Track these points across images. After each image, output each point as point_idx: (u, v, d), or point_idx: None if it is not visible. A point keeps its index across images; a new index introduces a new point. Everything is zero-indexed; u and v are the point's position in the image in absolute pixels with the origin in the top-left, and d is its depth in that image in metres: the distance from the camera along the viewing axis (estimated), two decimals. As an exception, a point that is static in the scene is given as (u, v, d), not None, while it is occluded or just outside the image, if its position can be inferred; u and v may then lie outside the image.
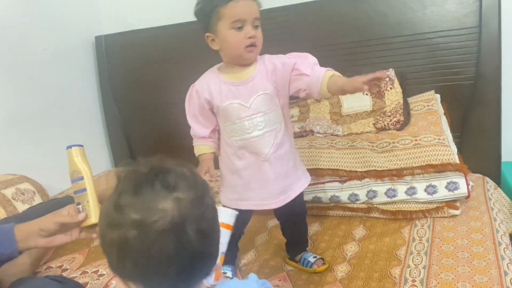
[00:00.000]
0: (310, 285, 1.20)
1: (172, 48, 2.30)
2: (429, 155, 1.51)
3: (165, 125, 2.43)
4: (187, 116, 1.22)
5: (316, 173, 1.62)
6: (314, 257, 1.29)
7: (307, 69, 1.09)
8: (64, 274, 1.42)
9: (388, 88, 1.80)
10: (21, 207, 1.78)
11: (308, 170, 1.58)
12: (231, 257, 1.30)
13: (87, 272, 1.42)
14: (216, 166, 1.23)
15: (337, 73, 1.08)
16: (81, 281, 1.34)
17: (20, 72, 2.10)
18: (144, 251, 0.51)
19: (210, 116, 1.20)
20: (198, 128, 1.21)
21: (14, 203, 1.79)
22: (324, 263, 1.28)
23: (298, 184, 1.25)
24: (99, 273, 1.41)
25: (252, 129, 1.14)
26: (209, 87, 1.16)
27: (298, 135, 1.84)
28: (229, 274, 1.26)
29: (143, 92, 2.47)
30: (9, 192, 1.82)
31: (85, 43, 2.50)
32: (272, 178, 1.18)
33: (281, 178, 1.20)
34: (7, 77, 2.04)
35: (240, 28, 1.07)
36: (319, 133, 1.82)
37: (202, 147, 1.23)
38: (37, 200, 1.88)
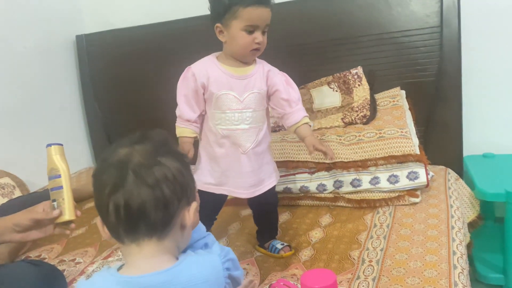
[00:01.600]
0: (276, 267, 1.28)
1: (153, 47, 2.36)
2: (391, 147, 1.60)
3: (146, 123, 2.48)
4: (177, 95, 1.24)
5: (287, 165, 1.70)
6: (282, 244, 1.36)
7: (293, 104, 1.26)
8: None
9: (356, 85, 1.89)
10: (1, 200, 1.82)
11: (280, 162, 1.68)
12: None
13: (65, 261, 1.48)
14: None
15: (309, 122, 1.28)
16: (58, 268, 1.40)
17: (1, 69, 2.15)
18: (96, 181, 0.65)
19: (201, 101, 1.23)
20: (187, 110, 1.23)
21: (-6, 196, 1.83)
22: (290, 250, 1.35)
23: (270, 180, 1.32)
24: (76, 261, 1.47)
25: (240, 122, 1.21)
26: (207, 73, 1.20)
27: (271, 130, 1.91)
28: None
29: (124, 91, 2.53)
30: (-11, 186, 1.86)
31: (66, 41, 2.54)
32: (248, 170, 1.24)
33: (256, 172, 1.26)
34: (-13, 74, 2.08)
35: (251, 32, 1.14)
36: (291, 127, 1.90)
37: (185, 130, 1.25)
38: (17, 194, 1.93)
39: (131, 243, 0.64)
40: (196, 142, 1.29)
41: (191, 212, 0.67)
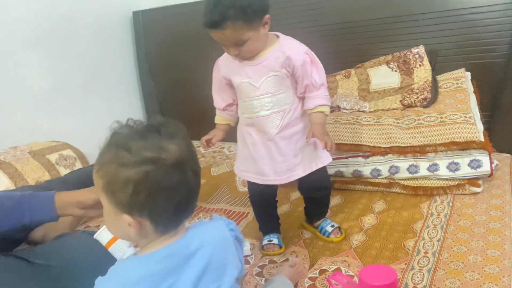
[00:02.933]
0: (325, 251, 1.26)
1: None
2: (453, 133, 1.51)
3: (199, 101, 2.50)
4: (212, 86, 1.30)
5: (340, 148, 1.66)
6: (332, 226, 1.33)
7: (313, 89, 1.18)
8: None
9: (417, 65, 1.80)
10: (63, 172, 1.93)
11: (333, 144, 1.63)
12: (275, 225, 1.36)
13: (121, 232, 1.54)
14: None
15: (325, 111, 1.20)
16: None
17: (64, 45, 2.23)
18: (157, 183, 0.62)
19: (228, 90, 1.26)
20: (217, 99, 1.31)
21: (57, 167, 1.93)
22: (341, 233, 1.32)
23: (312, 163, 1.25)
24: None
25: (259, 108, 1.19)
26: (228, 64, 1.22)
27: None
28: (276, 241, 1.30)
29: (179, 68, 2.56)
30: (53, 157, 1.97)
31: (123, 17, 2.60)
32: (276, 156, 1.21)
33: (287, 157, 1.22)
34: (51, 49, 2.17)
35: (225, 46, 1.14)
36: (345, 109, 1.85)
37: (218, 118, 1.33)
38: (78, 165, 2.02)
39: (171, 230, 0.69)
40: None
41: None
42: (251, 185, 1.31)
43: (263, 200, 1.33)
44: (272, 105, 1.18)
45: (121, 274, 0.66)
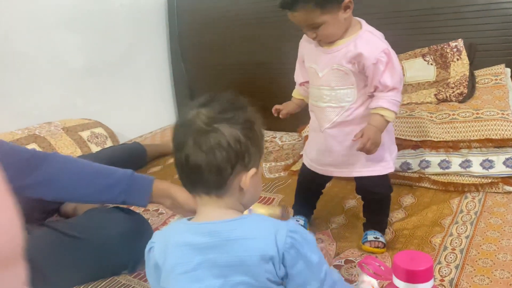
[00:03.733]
0: (352, 243, 1.25)
1: (241, 9, 2.36)
2: (489, 129, 1.47)
3: (229, 85, 2.52)
4: None
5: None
6: (376, 237, 1.19)
7: (381, 88, 1.07)
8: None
9: (455, 59, 1.75)
10: (95, 149, 1.97)
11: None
12: (308, 212, 1.35)
13: (149, 210, 1.57)
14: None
15: (385, 115, 1.07)
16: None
17: (99, 26, 2.27)
18: (171, 137, 0.71)
19: (303, 67, 1.22)
20: (296, 73, 1.28)
21: (89, 144, 1.99)
22: (381, 246, 1.18)
23: (368, 168, 1.17)
24: (159, 211, 1.56)
25: (318, 99, 1.15)
26: (305, 44, 1.19)
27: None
28: (302, 222, 1.30)
29: (210, 53, 2.57)
30: (85, 134, 2.02)
31: (157, 1, 2.62)
32: (323, 149, 1.19)
33: (334, 154, 1.18)
34: (86, 29, 2.21)
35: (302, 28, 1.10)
36: (377, 100, 1.82)
37: (294, 91, 1.31)
38: (109, 144, 2.07)
39: (196, 195, 0.72)
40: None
41: (247, 177, 0.69)
42: (303, 165, 1.31)
43: (307, 183, 1.32)
44: (330, 99, 1.12)
45: (170, 235, 0.71)
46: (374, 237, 1.20)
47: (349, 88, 1.11)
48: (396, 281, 0.54)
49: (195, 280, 0.67)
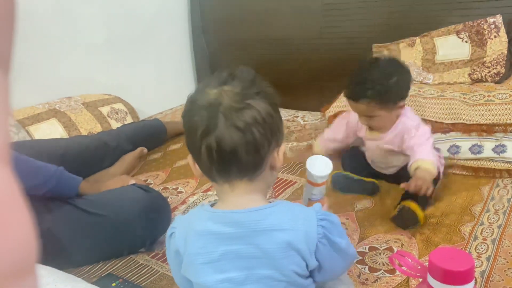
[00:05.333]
0: (378, 227, 1.20)
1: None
2: (527, 113, 1.38)
3: (250, 61, 2.46)
4: None
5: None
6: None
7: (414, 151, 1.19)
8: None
9: (492, 37, 1.64)
10: (115, 125, 1.95)
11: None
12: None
13: (168, 188, 1.56)
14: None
15: (421, 166, 1.13)
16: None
17: (119, 0, 2.22)
18: (188, 123, 0.65)
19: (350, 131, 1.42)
20: (335, 130, 1.47)
21: (109, 120, 1.97)
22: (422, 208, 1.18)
23: None
24: (178, 190, 1.54)
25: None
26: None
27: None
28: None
29: (231, 27, 2.50)
30: (105, 110, 2.00)
31: (179, -27, 2.54)
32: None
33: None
34: (107, 3, 2.16)
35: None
36: (406, 79, 1.74)
37: (319, 145, 1.49)
38: (129, 120, 2.05)
39: (223, 183, 0.66)
40: None
41: (280, 154, 0.67)
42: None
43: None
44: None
45: (191, 222, 0.68)
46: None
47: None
48: (432, 281, 0.50)
49: (218, 271, 0.64)
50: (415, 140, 1.20)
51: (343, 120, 1.42)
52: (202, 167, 0.66)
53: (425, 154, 1.15)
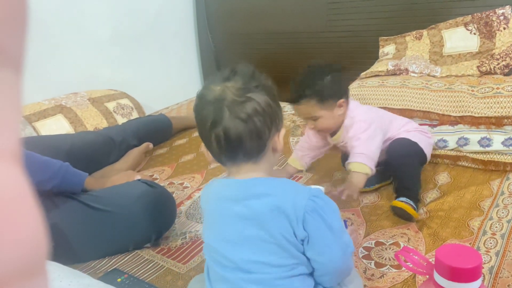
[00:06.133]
0: (383, 221, 1.20)
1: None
2: (537, 105, 1.36)
3: (256, 56, 2.45)
4: None
5: (405, 114, 1.54)
6: (406, 200, 1.20)
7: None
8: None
9: (501, 28, 1.61)
10: (120, 120, 1.96)
11: (397, 110, 1.53)
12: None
13: (174, 184, 1.55)
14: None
15: (359, 172, 1.17)
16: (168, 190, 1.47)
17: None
18: (198, 116, 0.73)
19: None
20: (303, 147, 1.45)
21: (114, 115, 1.97)
22: (413, 207, 1.17)
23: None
24: (184, 185, 1.54)
25: None
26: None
27: (391, 73, 1.75)
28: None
29: (237, 22, 2.49)
30: (111, 105, 2.00)
31: (184, -33, 2.53)
32: None
33: None
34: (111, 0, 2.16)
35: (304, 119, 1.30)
36: (414, 72, 1.71)
37: (294, 160, 1.45)
38: (135, 115, 2.05)
39: (231, 165, 0.76)
40: None
41: (280, 137, 0.76)
42: None
43: None
44: None
45: (211, 186, 0.80)
46: (404, 200, 1.20)
47: None
48: (438, 278, 0.49)
49: (217, 232, 0.76)
50: (352, 136, 1.24)
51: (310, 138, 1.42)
52: (213, 153, 0.75)
53: (356, 156, 1.20)
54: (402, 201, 1.19)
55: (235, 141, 0.70)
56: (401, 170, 1.27)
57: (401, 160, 1.26)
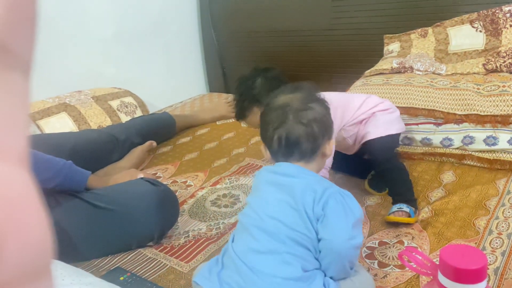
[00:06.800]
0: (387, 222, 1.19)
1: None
2: (544, 104, 1.34)
3: (260, 54, 2.45)
4: None
5: (410, 112, 1.53)
6: (400, 208, 1.17)
7: None
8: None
9: (508, 26, 1.59)
10: (124, 118, 1.95)
11: (402, 108, 1.52)
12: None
13: (177, 182, 1.55)
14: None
15: None
16: (171, 188, 1.47)
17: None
18: (263, 120, 0.89)
19: None
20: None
21: (118, 114, 1.97)
22: (409, 215, 1.15)
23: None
24: (187, 183, 1.53)
25: None
26: None
27: (395, 71, 1.73)
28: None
29: (241, 20, 2.48)
30: (114, 103, 2.00)
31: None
32: None
33: None
34: (116, -5, 2.16)
35: None
36: (419, 70, 1.70)
37: None
38: (138, 113, 2.05)
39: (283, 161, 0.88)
40: None
41: (330, 145, 0.88)
42: None
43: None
44: None
45: (262, 170, 0.94)
46: (397, 208, 1.18)
47: None
48: (443, 279, 0.48)
49: (256, 191, 0.90)
50: None
51: None
52: (271, 152, 0.88)
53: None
54: (395, 212, 1.16)
55: (294, 141, 0.84)
56: (387, 178, 1.29)
57: (383, 167, 1.27)
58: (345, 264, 0.80)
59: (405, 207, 1.17)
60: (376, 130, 1.27)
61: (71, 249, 1.10)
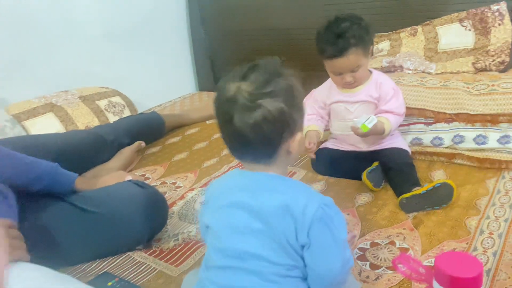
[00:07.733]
0: (380, 221, 1.18)
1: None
2: (533, 102, 1.34)
3: (251, 52, 2.43)
4: None
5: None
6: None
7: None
8: (146, 182, 1.54)
9: (496, 24, 1.60)
10: (112, 118, 1.93)
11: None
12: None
13: (166, 183, 1.53)
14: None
15: (382, 123, 1.30)
16: (160, 190, 1.44)
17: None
18: (216, 109, 0.74)
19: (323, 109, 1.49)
20: (312, 114, 1.50)
21: (106, 114, 1.94)
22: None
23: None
24: (176, 184, 1.51)
25: (344, 129, 1.41)
26: (324, 92, 1.47)
27: (385, 70, 1.73)
28: None
29: (230, 17, 2.46)
30: (102, 103, 1.97)
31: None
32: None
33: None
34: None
35: (340, 74, 1.30)
36: (409, 69, 1.70)
37: (311, 126, 1.46)
38: (126, 113, 2.02)
39: (244, 163, 0.77)
40: None
41: (295, 142, 0.74)
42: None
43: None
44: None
45: (224, 176, 0.82)
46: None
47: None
48: (438, 287, 0.47)
49: (224, 217, 0.74)
50: (392, 107, 1.33)
51: (310, 98, 1.47)
52: (228, 148, 0.76)
53: (386, 115, 1.32)
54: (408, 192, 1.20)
55: (243, 144, 0.71)
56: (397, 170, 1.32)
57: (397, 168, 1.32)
58: (338, 286, 0.75)
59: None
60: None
61: (58, 254, 1.07)
